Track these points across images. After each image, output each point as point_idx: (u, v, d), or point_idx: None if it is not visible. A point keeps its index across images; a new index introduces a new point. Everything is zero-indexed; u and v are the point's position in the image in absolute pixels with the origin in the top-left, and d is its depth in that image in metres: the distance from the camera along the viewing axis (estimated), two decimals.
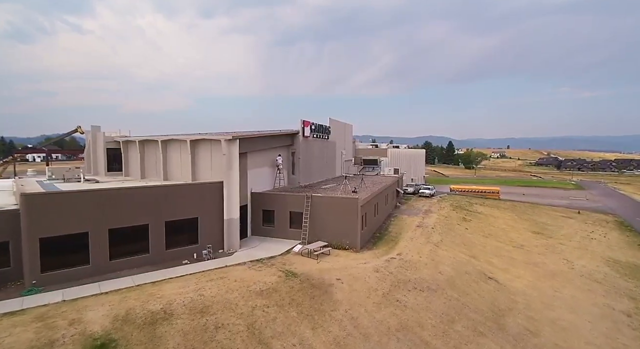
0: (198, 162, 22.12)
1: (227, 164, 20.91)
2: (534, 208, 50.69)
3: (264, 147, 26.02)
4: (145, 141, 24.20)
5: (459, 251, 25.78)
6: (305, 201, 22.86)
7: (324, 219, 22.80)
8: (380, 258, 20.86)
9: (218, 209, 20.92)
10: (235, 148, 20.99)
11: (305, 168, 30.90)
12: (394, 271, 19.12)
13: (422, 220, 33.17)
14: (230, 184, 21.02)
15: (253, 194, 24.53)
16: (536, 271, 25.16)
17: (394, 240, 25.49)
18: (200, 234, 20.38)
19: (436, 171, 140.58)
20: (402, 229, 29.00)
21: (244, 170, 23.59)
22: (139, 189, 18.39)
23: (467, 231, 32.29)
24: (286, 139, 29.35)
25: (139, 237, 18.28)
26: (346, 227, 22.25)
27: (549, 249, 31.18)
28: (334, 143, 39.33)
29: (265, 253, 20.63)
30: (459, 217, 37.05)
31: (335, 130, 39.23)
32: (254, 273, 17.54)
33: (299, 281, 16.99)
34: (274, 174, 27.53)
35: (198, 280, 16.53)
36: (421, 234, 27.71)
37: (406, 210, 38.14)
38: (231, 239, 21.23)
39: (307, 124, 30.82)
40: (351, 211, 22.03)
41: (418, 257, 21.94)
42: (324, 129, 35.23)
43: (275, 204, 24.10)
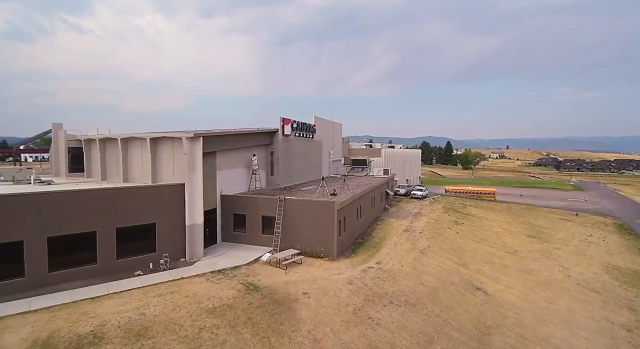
0: (159, 162, 20.28)
1: (190, 165, 19.06)
2: (531, 210, 48.88)
3: (237, 146, 24.17)
4: (107, 139, 22.35)
5: (447, 258, 23.94)
6: (278, 205, 21.01)
7: (298, 224, 20.96)
8: (357, 268, 19.01)
9: (179, 214, 19.06)
10: (199, 147, 19.13)
11: (285, 169, 29.05)
12: (370, 282, 17.26)
13: (410, 224, 31.33)
14: (192, 187, 19.17)
15: (223, 196, 22.67)
16: (529, 280, 23.32)
17: (376, 246, 23.64)
18: (159, 242, 18.53)
19: (433, 172, 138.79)
20: (387, 234, 27.15)
21: (212, 171, 21.75)
22: (85, 192, 16.55)
23: (457, 235, 30.45)
24: (264, 137, 27.50)
25: (85, 246, 16.41)
26: (322, 234, 20.40)
27: (544, 254, 29.34)
28: (320, 143, 37.48)
29: (230, 262, 18.77)
30: (451, 221, 35.22)
31: (322, 129, 37.38)
32: (210, 286, 15.68)
33: (260, 295, 15.14)
34: (250, 175, 25.67)
35: (144, 295, 14.68)
36: (407, 240, 25.85)
37: (395, 213, 36.29)
38: (194, 247, 19.38)
39: (287, 122, 28.96)
40: (327, 216, 20.18)
41: (399, 266, 20.09)
42: (307, 127, 33.37)
43: (247, 207, 22.25)
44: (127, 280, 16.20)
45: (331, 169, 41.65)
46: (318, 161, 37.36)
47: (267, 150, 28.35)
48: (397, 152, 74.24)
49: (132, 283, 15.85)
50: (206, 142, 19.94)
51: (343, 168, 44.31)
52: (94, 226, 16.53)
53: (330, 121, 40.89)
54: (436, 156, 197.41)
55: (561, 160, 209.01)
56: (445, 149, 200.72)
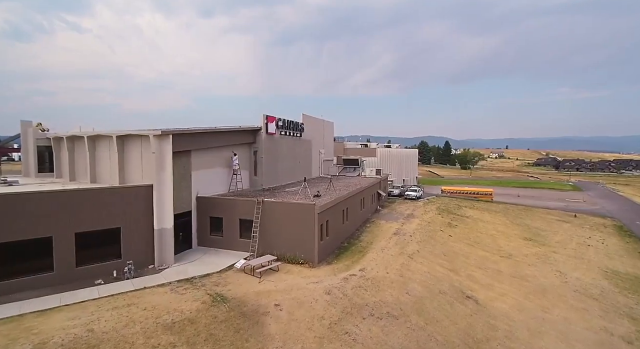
0: (128, 162, 18.95)
1: (158, 164, 17.75)
2: (528, 211, 47.65)
3: (216, 145, 22.86)
4: (75, 138, 21.03)
5: (437, 263, 22.65)
6: (256, 207, 19.71)
7: (277, 228, 19.67)
8: (338, 275, 17.70)
9: (147, 218, 17.76)
10: (168, 145, 17.83)
11: (269, 169, 27.73)
12: (350, 292, 15.95)
13: (401, 226, 30.03)
14: (161, 188, 17.87)
15: (199, 198, 21.35)
16: (524, 287, 22.04)
17: (362, 251, 22.33)
18: (124, 248, 17.22)
19: (431, 172, 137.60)
20: (375, 238, 25.85)
21: (186, 171, 20.44)
22: (39, 194, 15.22)
23: (450, 238, 29.16)
24: (246, 135, 26.18)
25: (40, 253, 15.10)
26: (302, 238, 19.11)
27: (541, 259, 28.06)
28: (310, 142, 36.16)
29: (202, 269, 17.47)
30: (444, 223, 33.93)
31: (311, 127, 36.06)
32: (173, 298, 14.37)
33: (227, 308, 13.82)
34: (230, 175, 24.36)
35: (98, 308, 13.37)
36: (395, 244, 24.55)
37: (386, 214, 34.99)
38: (163, 252, 18.07)
39: (271, 120, 27.65)
40: (307, 219, 18.89)
41: (385, 273, 18.79)
42: (295, 125, 32.05)
43: (224, 210, 20.94)
44: (85, 290, 14.89)
45: (322, 169, 40.35)
46: (307, 160, 36.05)
47: (250, 149, 27.04)
48: (393, 152, 72.97)
49: (90, 294, 14.54)
50: (178, 140, 18.63)
51: (335, 168, 43.01)
52: (50, 231, 15.20)
53: (320, 119, 39.58)
54: (435, 156, 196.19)
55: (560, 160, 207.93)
56: (444, 148, 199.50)
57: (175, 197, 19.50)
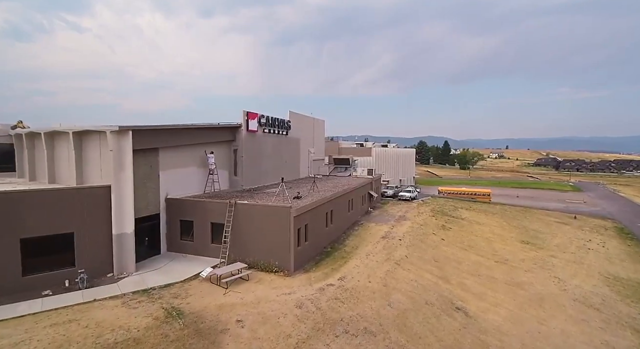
0: (86, 161, 17.38)
1: (117, 163, 16.20)
2: (526, 213, 46.07)
3: (189, 143, 21.32)
4: (34, 134, 19.48)
5: (426, 270, 21.09)
6: (228, 210, 18.17)
7: (250, 233, 18.13)
8: (314, 285, 16.14)
9: (104, 222, 16.21)
10: (127, 142, 16.28)
11: (251, 169, 26.19)
12: (325, 305, 14.39)
13: (391, 229, 28.47)
14: (121, 189, 16.32)
15: (169, 200, 19.81)
16: (519, 296, 20.48)
17: (345, 257, 20.77)
18: (78, 255, 15.66)
19: (429, 172, 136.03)
20: (361, 242, 24.28)
21: (153, 170, 18.89)
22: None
23: (442, 242, 27.60)
24: (224, 133, 24.63)
25: None
26: (276, 244, 17.57)
27: (538, 264, 26.50)
28: (297, 140, 34.61)
29: (164, 279, 15.93)
30: (437, 225, 32.36)
31: (299, 125, 34.52)
32: (123, 312, 12.82)
33: (182, 324, 12.27)
34: (206, 175, 22.81)
35: (35, 324, 11.82)
36: (383, 249, 22.99)
37: (377, 216, 33.43)
38: (124, 259, 16.53)
39: (252, 117, 26.10)
40: (282, 223, 17.34)
41: (366, 282, 17.23)
42: (280, 123, 30.51)
43: (194, 213, 19.40)
44: (26, 303, 13.34)
45: (312, 169, 38.80)
46: (295, 160, 34.50)
47: (230, 148, 25.49)
48: (389, 152, 71.45)
49: (31, 307, 12.99)
50: (140, 137, 17.07)
51: (326, 168, 41.49)
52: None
53: (310, 116, 38.03)
54: (434, 156, 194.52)
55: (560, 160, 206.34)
56: (443, 148, 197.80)
57: (140, 199, 18.02)
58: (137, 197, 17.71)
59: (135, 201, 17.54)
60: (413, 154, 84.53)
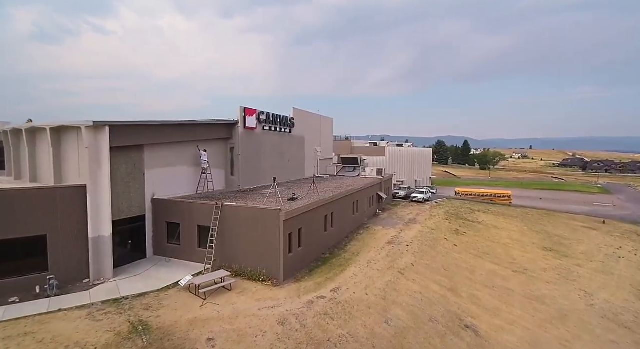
0: (64, 158, 16.40)
1: (92, 161, 15.08)
2: (550, 217, 43.00)
3: (179, 140, 20.10)
4: (18, 131, 18.69)
5: (434, 280, 19.15)
6: (214, 212, 16.81)
7: (237, 237, 16.71)
8: (302, 297, 14.53)
9: (79, 224, 15.12)
10: (104, 139, 15.14)
11: (248, 168, 24.83)
12: (311, 322, 12.77)
13: (398, 233, 26.54)
14: (97, 189, 15.19)
15: (155, 201, 18.64)
16: (539, 312, 18.29)
17: (343, 265, 19.08)
18: (51, 259, 14.63)
19: (447, 172, 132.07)
20: (364, 248, 22.51)
21: (137, 169, 17.74)
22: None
23: (454, 248, 25.48)
24: (220, 130, 23.34)
25: None
26: (265, 250, 16.07)
27: (562, 274, 24.04)
28: (302, 138, 33.08)
29: (140, 287, 14.68)
30: (450, 230, 30.18)
31: (303, 123, 32.98)
32: (85, 326, 11.59)
33: (145, 342, 10.91)
34: (199, 174, 21.57)
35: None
36: (387, 255, 21.16)
37: (385, 219, 31.51)
38: (100, 264, 15.40)
39: (250, 113, 24.72)
40: (271, 228, 15.82)
41: (363, 294, 15.49)
42: (283, 120, 29.05)
43: (181, 214, 18.15)
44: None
45: (318, 169, 37.21)
46: (299, 159, 32.98)
47: (226, 145, 24.20)
48: (404, 151, 68.99)
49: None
50: (120, 133, 15.96)
51: (333, 168, 39.80)
52: None
53: (315, 114, 36.44)
54: (452, 156, 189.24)
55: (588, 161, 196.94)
56: (462, 148, 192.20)
57: (122, 200, 16.93)
58: (118, 198, 16.67)
59: (116, 202, 16.52)
60: (429, 154, 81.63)
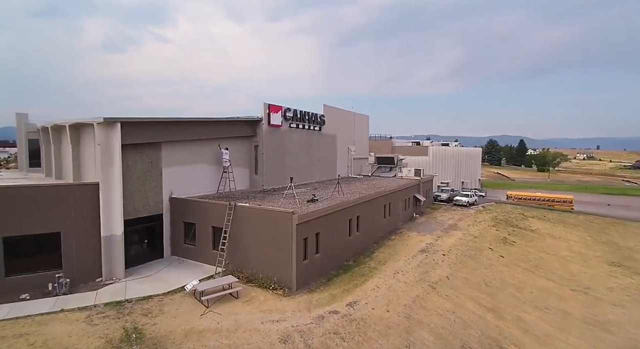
0: (83, 155, 16.42)
1: (104, 158, 14.82)
2: (619, 226, 37.43)
3: (199, 137, 19.58)
4: (45, 129, 19.20)
5: (471, 297, 16.72)
6: (227, 213, 15.91)
7: (250, 240, 15.67)
8: (313, 311, 13.06)
9: (93, 222, 14.95)
10: (116, 136, 14.82)
11: (272, 167, 23.85)
12: (318, 341, 11.26)
13: (435, 240, 24.09)
14: (109, 187, 14.93)
15: (172, 200, 18.21)
16: (604, 342, 15.18)
17: (366, 274, 17.29)
18: (65, 257, 14.57)
19: (500, 174, 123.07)
20: (393, 255, 20.49)
21: (154, 167, 17.38)
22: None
23: (500, 260, 22.53)
24: (243, 127, 22.59)
25: None
26: (277, 256, 14.84)
27: (633, 296, 20.21)
28: (333, 136, 31.59)
29: (148, 289, 14.12)
30: (497, 238, 27.00)
31: (335, 120, 31.47)
32: (79, 330, 11.07)
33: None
34: (220, 173, 20.95)
35: None
36: (418, 265, 19.00)
37: (422, 224, 29.02)
38: (112, 263, 15.11)
39: (275, 110, 23.72)
40: (283, 232, 14.55)
41: (384, 310, 13.66)
42: (312, 117, 27.78)
43: (196, 214, 17.52)
44: (4, 306, 12.34)
45: (351, 169, 35.48)
46: (329, 158, 31.51)
47: (251, 143, 23.42)
48: (449, 151, 64.85)
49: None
50: (134, 129, 15.64)
51: (368, 167, 37.82)
52: None
53: (349, 111, 34.74)
54: (507, 156, 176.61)
55: None
56: (517, 148, 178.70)
57: (138, 198, 16.64)
58: (133, 196, 16.41)
59: (132, 200, 16.28)
60: (479, 154, 76.15)
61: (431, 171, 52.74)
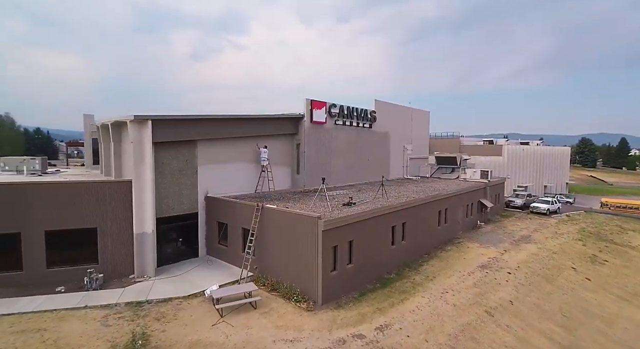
0: (124, 153, 16.84)
1: (137, 156, 14.87)
2: None
3: (238, 135, 19.08)
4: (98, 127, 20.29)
5: (541, 329, 13.50)
6: (254, 214, 14.97)
7: (276, 245, 14.53)
8: (335, 332, 11.36)
9: (126, 219, 15.12)
10: (147, 133, 14.79)
11: (315, 166, 22.54)
12: None
13: (500, 254, 20.61)
14: (140, 185, 14.95)
15: (208, 198, 17.90)
16: None
17: (408, 291, 14.99)
18: (101, 252, 14.94)
19: (594, 177, 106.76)
20: (445, 270, 17.75)
21: (189, 165, 17.21)
22: (5, 186, 13.99)
23: (586, 284, 18.36)
24: (285, 125, 21.64)
25: (8, 250, 13.85)
26: (302, 264, 13.47)
27: None
28: (386, 134, 29.25)
29: (170, 290, 13.75)
30: (584, 255, 22.34)
31: (388, 117, 29.11)
32: (92, 331, 10.89)
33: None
34: (259, 172, 20.26)
35: (9, 327, 10.87)
36: (474, 284, 16.12)
37: (487, 234, 25.30)
38: (144, 261, 15.13)
39: (318, 106, 22.35)
40: (309, 238, 13.11)
41: (421, 339, 11.43)
42: (361, 114, 25.91)
43: (228, 214, 16.95)
44: (30, 299, 12.80)
45: (408, 169, 32.69)
46: (381, 157, 29.24)
47: (292, 142, 22.41)
48: (529, 151, 57.56)
49: (27, 305, 12.33)
50: (166, 127, 15.55)
51: (428, 168, 34.60)
52: (18, 227, 13.84)
53: (406, 107, 32.01)
54: (603, 157, 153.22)
55: None
56: (617, 148, 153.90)
57: (172, 196, 16.62)
58: (169, 194, 16.45)
59: (166, 198, 16.32)
60: (567, 155, 66.39)
61: (505, 172, 46.95)
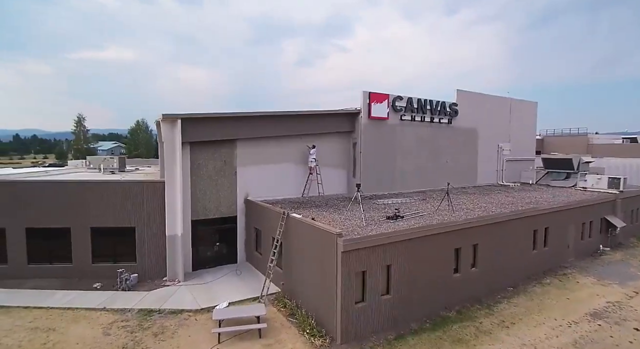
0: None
1: (169, 156, 14.44)
2: None
3: (283, 134, 17.55)
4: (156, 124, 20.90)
5: None
6: (280, 223, 13.09)
7: (298, 262, 12.40)
8: None
9: (160, 221, 14.88)
10: (176, 133, 14.22)
11: (373, 168, 19.54)
12: None
13: (627, 299, 14.54)
14: (172, 185, 14.49)
15: (248, 202, 16.76)
16: None
17: (467, 341, 11.06)
18: (139, 251, 15.02)
19: None
20: (533, 313, 12.98)
21: (227, 165, 16.32)
22: (59, 184, 15.01)
23: None
24: (340, 122, 19.23)
25: (60, 244, 14.82)
26: (320, 291, 11.05)
27: None
28: (473, 131, 24.27)
29: (188, 301, 12.83)
30: None
31: (476, 110, 24.08)
32: (92, 338, 10.42)
33: None
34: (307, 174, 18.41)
35: (29, 323, 11.20)
36: (574, 342, 11.22)
37: (611, 264, 18.60)
38: (174, 264, 14.67)
39: (379, 99, 19.29)
40: (328, 260, 10.61)
41: None
42: (436, 107, 21.81)
43: (261, 221, 15.46)
44: (64, 293, 13.32)
45: (504, 174, 26.83)
46: (466, 159, 24.34)
47: (349, 141, 19.90)
48: None
49: (60, 299, 12.75)
50: (199, 126, 14.87)
51: (532, 173, 27.93)
52: (68, 222, 14.72)
53: (501, 97, 26.23)
54: None
55: None
56: None
57: (209, 198, 16.04)
58: (205, 196, 15.93)
59: (203, 200, 15.88)
60: None
61: None
